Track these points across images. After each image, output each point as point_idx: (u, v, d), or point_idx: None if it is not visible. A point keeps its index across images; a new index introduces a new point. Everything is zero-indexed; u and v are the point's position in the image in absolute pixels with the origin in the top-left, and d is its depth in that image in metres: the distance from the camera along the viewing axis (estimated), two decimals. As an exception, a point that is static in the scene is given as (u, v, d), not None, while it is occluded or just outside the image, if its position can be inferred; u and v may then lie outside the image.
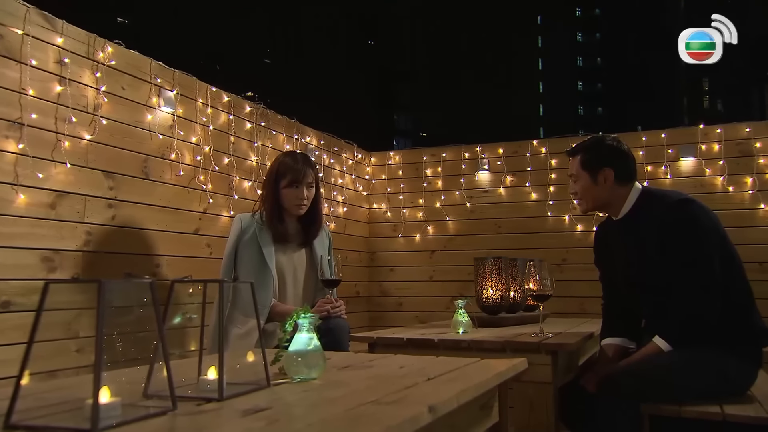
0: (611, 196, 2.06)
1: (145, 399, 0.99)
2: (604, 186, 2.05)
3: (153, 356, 1.01)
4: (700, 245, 1.85)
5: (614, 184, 2.04)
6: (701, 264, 1.83)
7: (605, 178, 2.04)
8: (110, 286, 0.84)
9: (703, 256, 1.84)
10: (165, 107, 2.76)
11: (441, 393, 1.05)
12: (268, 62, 30.78)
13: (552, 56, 43.91)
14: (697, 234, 1.86)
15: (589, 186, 2.07)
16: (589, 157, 2.08)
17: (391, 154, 4.59)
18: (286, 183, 2.40)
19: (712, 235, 1.88)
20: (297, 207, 2.41)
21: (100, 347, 0.81)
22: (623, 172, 2.05)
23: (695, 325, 1.83)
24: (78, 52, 2.38)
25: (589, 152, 2.10)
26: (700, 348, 1.82)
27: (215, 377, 1.05)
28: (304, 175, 2.40)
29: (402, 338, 2.17)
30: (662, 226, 1.89)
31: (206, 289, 1.24)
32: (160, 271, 2.65)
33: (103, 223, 2.42)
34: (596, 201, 2.09)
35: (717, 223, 1.92)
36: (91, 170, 2.39)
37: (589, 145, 2.13)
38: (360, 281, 4.37)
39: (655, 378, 1.80)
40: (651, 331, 1.97)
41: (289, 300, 2.41)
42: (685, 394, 1.80)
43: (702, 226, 1.87)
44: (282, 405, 1.01)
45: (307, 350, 1.20)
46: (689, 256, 1.85)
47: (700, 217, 1.89)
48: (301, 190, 2.39)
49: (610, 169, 2.04)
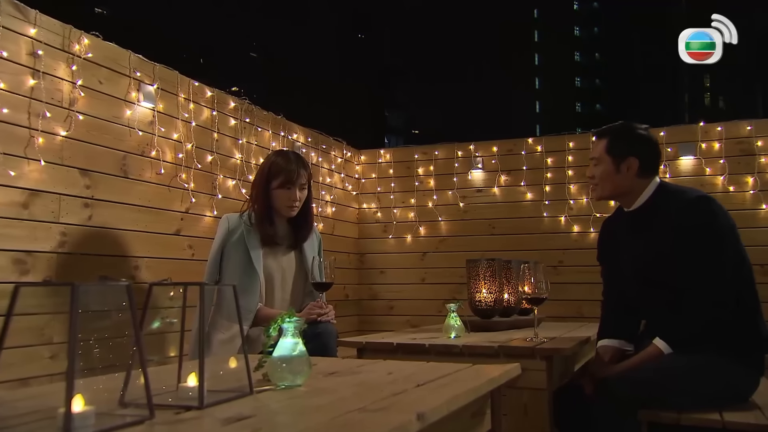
0: (630, 186, 2.03)
1: (121, 407, 0.99)
2: (626, 175, 2.02)
3: (130, 363, 1.01)
4: (717, 247, 1.86)
5: (636, 174, 2.02)
6: (714, 269, 1.84)
7: (629, 167, 2.01)
8: (84, 290, 0.83)
9: (717, 260, 1.84)
10: (145, 102, 2.75)
11: (430, 400, 1.05)
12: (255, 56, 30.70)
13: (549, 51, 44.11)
14: (716, 234, 1.86)
15: (610, 173, 2.04)
16: (616, 143, 2.05)
17: (381, 152, 4.59)
18: (278, 184, 2.38)
19: (729, 237, 1.89)
20: (289, 209, 2.40)
21: (73, 353, 0.80)
22: (648, 164, 2.03)
23: (703, 330, 1.84)
24: (52, 44, 2.35)
25: (618, 138, 2.06)
26: (702, 353, 1.82)
27: (195, 384, 1.05)
28: (298, 176, 2.39)
29: (392, 343, 2.17)
30: (679, 223, 1.89)
31: (186, 293, 1.23)
32: (139, 274, 2.64)
33: (79, 224, 2.40)
34: (614, 189, 2.07)
35: (734, 224, 1.92)
36: (67, 168, 2.37)
37: (619, 131, 2.10)
38: (349, 284, 4.37)
39: (654, 382, 1.80)
40: (651, 331, 1.97)
41: (276, 304, 2.41)
42: (685, 399, 1.80)
43: (720, 226, 1.88)
44: (265, 413, 1.01)
45: (292, 356, 1.20)
46: (705, 257, 1.85)
47: (718, 216, 1.89)
48: (293, 191, 2.38)
49: (636, 158, 2.01)
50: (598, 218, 3.91)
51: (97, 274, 2.42)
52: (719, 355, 1.83)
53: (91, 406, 0.85)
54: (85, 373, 0.87)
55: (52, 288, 2.17)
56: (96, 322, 0.90)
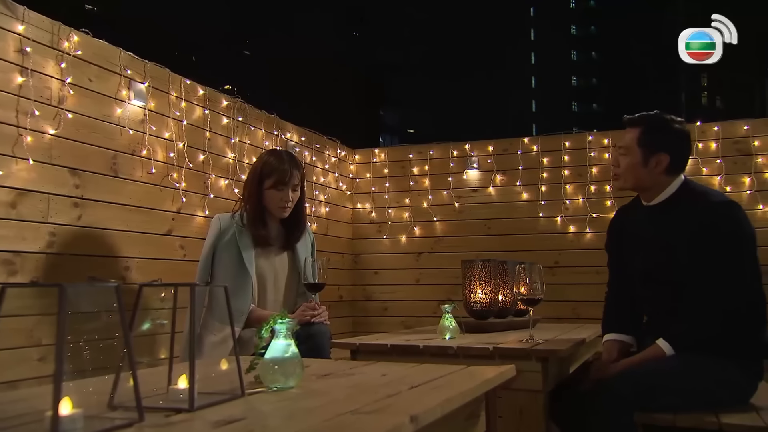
0: (655, 182, 1.97)
1: (110, 410, 0.98)
2: (653, 170, 1.95)
3: (120, 365, 1.01)
4: (738, 255, 1.83)
5: (664, 171, 1.95)
6: (734, 275, 1.82)
7: (657, 163, 1.94)
8: (73, 291, 0.83)
9: (736, 268, 1.83)
10: (135, 100, 2.74)
11: (424, 402, 1.06)
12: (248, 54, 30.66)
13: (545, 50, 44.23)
14: (739, 242, 1.84)
15: (637, 165, 1.97)
16: (649, 136, 1.96)
17: (376, 152, 4.59)
18: (271, 184, 2.37)
19: (750, 246, 1.87)
20: (281, 209, 2.40)
21: (61, 355, 0.80)
22: (679, 161, 1.97)
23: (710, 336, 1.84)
24: (41, 41, 2.35)
25: (652, 131, 1.97)
26: (704, 355, 1.82)
27: (186, 386, 1.04)
28: (291, 177, 2.37)
29: (386, 344, 2.17)
30: (701, 226, 1.86)
31: (177, 294, 1.23)
32: (129, 275, 2.63)
33: (68, 224, 2.39)
34: (638, 183, 2.00)
35: (755, 232, 1.90)
36: (56, 167, 2.37)
37: (655, 123, 1.99)
38: (343, 285, 4.37)
39: (653, 383, 1.80)
40: (655, 330, 1.96)
41: (269, 306, 2.40)
42: (683, 401, 1.81)
43: (744, 235, 1.85)
44: (256, 415, 1.01)
45: (285, 357, 1.20)
46: (724, 264, 1.82)
47: (743, 225, 1.86)
48: (286, 192, 2.37)
49: (667, 155, 1.93)
50: (595, 219, 3.93)
51: (86, 275, 2.41)
52: (720, 359, 1.82)
53: (79, 408, 0.85)
54: (75, 375, 0.87)
55: (41, 289, 2.16)
56: (86, 324, 0.90)
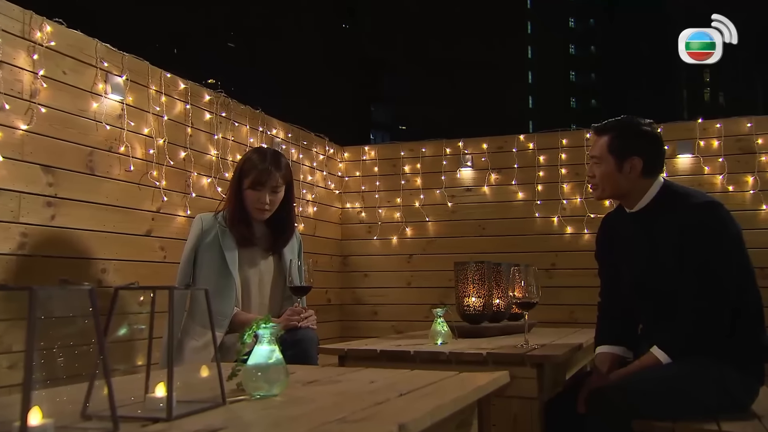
0: (633, 187, 2.02)
1: (83, 420, 0.98)
2: (629, 176, 1.99)
3: (93, 372, 1.00)
4: (723, 257, 1.85)
5: (639, 175, 1.99)
6: (719, 277, 1.84)
7: (632, 167, 1.98)
8: (45, 294, 0.82)
9: (722, 268, 1.85)
10: (113, 94, 2.72)
11: (413, 410, 1.06)
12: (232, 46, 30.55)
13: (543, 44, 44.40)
14: (722, 244, 1.86)
15: (612, 173, 2.01)
16: (619, 142, 2.01)
17: (366, 149, 4.59)
18: (249, 183, 2.34)
19: (736, 246, 1.89)
20: (258, 211, 2.37)
21: (30, 362, 0.79)
22: (653, 164, 2.01)
23: (702, 339, 1.86)
24: (11, 31, 2.32)
25: (621, 136, 2.01)
26: (702, 360, 1.83)
27: (164, 394, 1.04)
28: (269, 178, 2.33)
29: (375, 350, 2.17)
30: (684, 229, 1.88)
31: (155, 297, 1.22)
32: (106, 278, 2.61)
33: (41, 224, 2.38)
34: (615, 190, 2.05)
35: (740, 231, 1.92)
36: (28, 164, 2.35)
37: (622, 127, 2.04)
38: (331, 288, 4.36)
39: (651, 392, 1.81)
40: (649, 338, 1.98)
41: (254, 309, 2.39)
42: (682, 409, 1.82)
43: (729, 235, 1.87)
44: (238, 425, 1.01)
45: (268, 364, 1.19)
46: (708, 266, 1.84)
47: (727, 224, 1.88)
48: (263, 193, 2.34)
49: (640, 158, 1.97)
50: (593, 219, 3.95)
51: (59, 277, 2.39)
52: (718, 364, 1.84)
53: (49, 418, 0.84)
54: (48, 383, 0.86)
55: (11, 293, 2.14)
56: (60, 329, 0.89)
